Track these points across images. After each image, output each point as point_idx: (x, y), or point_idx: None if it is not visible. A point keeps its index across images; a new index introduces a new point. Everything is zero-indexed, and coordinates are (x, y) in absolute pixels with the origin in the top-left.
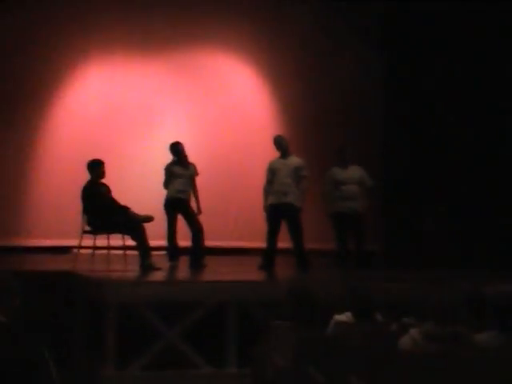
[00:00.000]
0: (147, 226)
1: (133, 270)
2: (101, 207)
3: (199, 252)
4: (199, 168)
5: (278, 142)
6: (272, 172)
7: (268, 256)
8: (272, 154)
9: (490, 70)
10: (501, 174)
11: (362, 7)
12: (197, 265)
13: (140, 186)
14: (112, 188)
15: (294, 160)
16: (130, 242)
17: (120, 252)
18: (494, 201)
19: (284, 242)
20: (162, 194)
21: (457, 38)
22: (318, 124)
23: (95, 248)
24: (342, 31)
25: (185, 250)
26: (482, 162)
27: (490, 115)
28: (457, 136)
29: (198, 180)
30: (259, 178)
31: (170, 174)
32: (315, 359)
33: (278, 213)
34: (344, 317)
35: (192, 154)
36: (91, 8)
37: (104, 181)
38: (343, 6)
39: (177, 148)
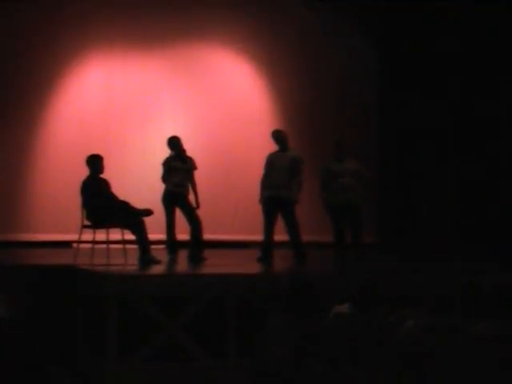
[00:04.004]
0: (146, 219)
1: (133, 264)
2: (100, 202)
3: (198, 245)
4: (197, 162)
5: (276, 136)
6: (269, 164)
7: (265, 248)
8: (270, 147)
9: (486, 58)
10: (500, 159)
11: None
12: (196, 258)
13: (139, 180)
14: (111, 182)
15: (291, 154)
16: (130, 236)
17: (119, 246)
18: (492, 189)
19: (283, 235)
20: (161, 188)
21: (452, 24)
22: (314, 116)
23: (95, 242)
24: (336, 21)
25: (184, 244)
26: (480, 149)
27: (486, 102)
28: (453, 123)
29: (197, 174)
30: (257, 172)
31: (168, 168)
32: (315, 350)
33: (273, 205)
34: (343, 308)
35: (190, 148)
36: (90, 3)
37: (103, 175)
38: None
39: (174, 142)
